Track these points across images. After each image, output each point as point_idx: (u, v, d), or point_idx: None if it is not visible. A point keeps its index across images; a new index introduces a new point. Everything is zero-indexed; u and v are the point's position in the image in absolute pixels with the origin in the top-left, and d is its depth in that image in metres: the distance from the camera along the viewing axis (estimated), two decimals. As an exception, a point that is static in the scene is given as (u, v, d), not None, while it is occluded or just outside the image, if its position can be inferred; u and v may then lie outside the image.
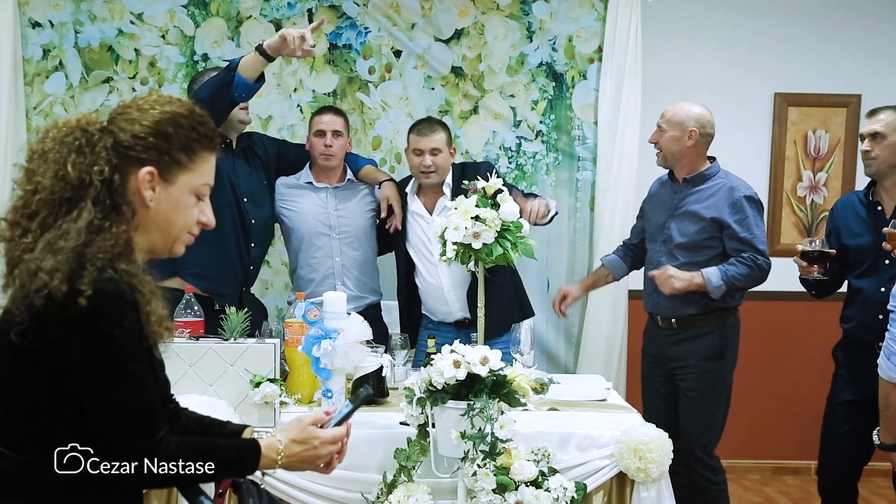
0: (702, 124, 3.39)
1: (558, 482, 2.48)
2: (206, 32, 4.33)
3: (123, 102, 1.62)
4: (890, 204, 3.23)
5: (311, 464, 1.75)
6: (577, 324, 4.48)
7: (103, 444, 1.51)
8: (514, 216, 2.90)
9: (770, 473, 4.85)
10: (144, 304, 1.51)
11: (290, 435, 1.71)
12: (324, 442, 1.74)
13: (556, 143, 4.41)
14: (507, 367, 2.44)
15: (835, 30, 4.71)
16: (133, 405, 1.51)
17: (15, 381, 1.52)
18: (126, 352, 1.50)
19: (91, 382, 1.48)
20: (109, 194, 1.52)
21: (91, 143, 1.54)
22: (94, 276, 1.45)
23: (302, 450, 1.72)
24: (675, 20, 4.66)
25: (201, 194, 1.64)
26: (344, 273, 3.69)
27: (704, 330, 3.39)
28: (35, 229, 1.51)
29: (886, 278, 3.15)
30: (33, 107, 4.30)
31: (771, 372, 4.79)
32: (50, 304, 1.44)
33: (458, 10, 4.38)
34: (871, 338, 3.12)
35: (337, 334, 2.56)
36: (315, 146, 3.67)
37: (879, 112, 3.24)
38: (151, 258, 1.62)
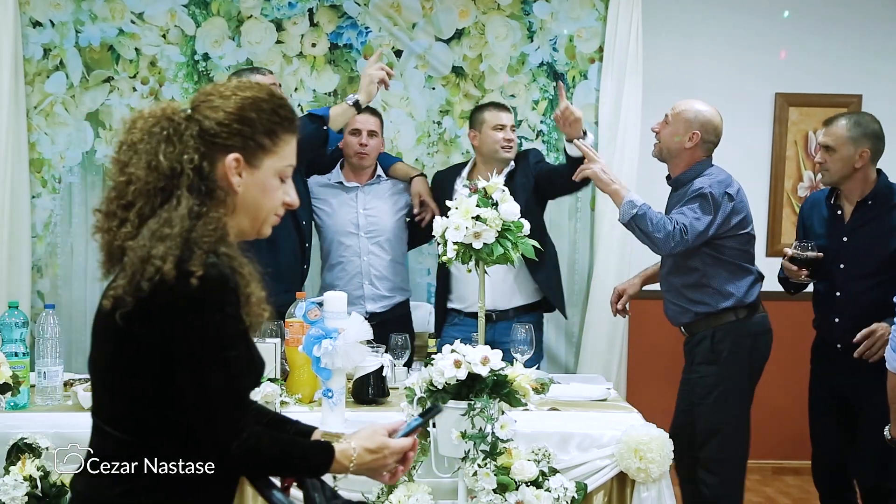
0: (707, 130, 3.29)
1: (559, 482, 2.48)
2: (207, 32, 4.33)
3: (204, 89, 1.65)
4: (849, 209, 3.27)
5: (377, 472, 1.77)
6: (577, 324, 4.48)
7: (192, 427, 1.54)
8: (514, 216, 2.90)
9: (770, 473, 4.85)
10: (244, 286, 1.54)
11: (364, 444, 1.73)
12: (393, 452, 1.76)
13: (557, 143, 4.41)
14: (508, 367, 2.44)
15: (835, 30, 4.71)
16: (226, 392, 1.54)
17: (120, 365, 1.55)
18: (226, 338, 1.53)
19: (189, 366, 1.51)
20: (202, 181, 1.55)
21: (178, 132, 1.57)
22: (202, 259, 1.48)
23: (372, 458, 1.73)
24: (675, 20, 4.66)
25: (285, 176, 1.66)
26: (372, 272, 3.71)
27: (701, 335, 3.31)
28: (133, 219, 1.54)
29: (839, 282, 3.22)
30: (34, 106, 4.30)
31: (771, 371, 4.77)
32: (158, 289, 1.47)
33: (459, 9, 4.38)
34: (830, 339, 3.27)
35: (337, 334, 2.57)
36: (350, 145, 3.68)
37: (833, 123, 3.25)
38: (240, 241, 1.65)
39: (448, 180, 3.77)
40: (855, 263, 3.20)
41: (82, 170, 4.35)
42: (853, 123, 3.21)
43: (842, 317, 3.22)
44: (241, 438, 1.55)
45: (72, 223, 4.36)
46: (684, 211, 3.18)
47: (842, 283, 3.23)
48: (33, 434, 2.52)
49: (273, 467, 1.66)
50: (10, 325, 2.80)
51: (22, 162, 4.24)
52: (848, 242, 3.23)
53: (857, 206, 3.24)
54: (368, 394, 2.90)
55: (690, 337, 3.37)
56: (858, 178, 3.21)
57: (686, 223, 3.13)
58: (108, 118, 4.33)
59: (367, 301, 3.69)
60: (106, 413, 1.60)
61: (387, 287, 3.74)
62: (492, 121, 3.66)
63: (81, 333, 4.27)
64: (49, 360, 2.84)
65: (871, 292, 3.15)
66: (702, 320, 3.30)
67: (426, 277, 4.40)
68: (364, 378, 2.88)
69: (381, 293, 3.71)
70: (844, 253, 3.22)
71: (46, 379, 2.83)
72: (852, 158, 3.18)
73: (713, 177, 3.25)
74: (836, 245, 3.24)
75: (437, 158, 4.41)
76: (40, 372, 2.84)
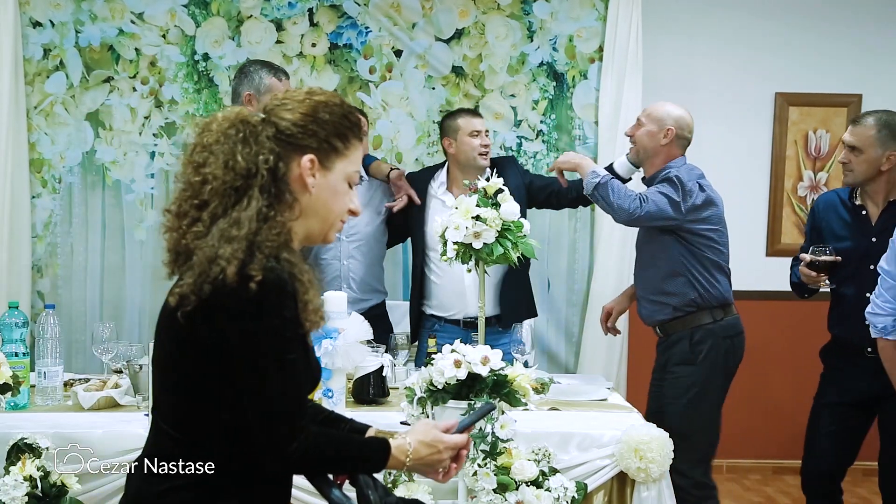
0: (680, 125, 3.32)
1: (559, 482, 2.48)
2: (207, 32, 4.33)
3: (276, 95, 1.67)
4: (874, 210, 3.20)
5: (433, 468, 1.78)
6: (577, 324, 4.48)
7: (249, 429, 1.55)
8: (514, 216, 2.90)
9: (770, 473, 4.85)
10: (303, 293, 1.56)
11: (419, 437, 1.75)
12: (447, 447, 1.77)
13: (557, 143, 4.41)
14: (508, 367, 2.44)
15: (835, 30, 4.71)
16: (284, 394, 1.56)
17: (180, 364, 1.57)
18: (284, 342, 1.55)
19: (247, 368, 1.52)
20: (275, 182, 1.58)
21: (255, 133, 1.59)
22: (263, 263, 1.50)
23: (428, 453, 1.75)
24: (675, 20, 4.67)
25: (353, 181, 1.69)
26: (350, 276, 3.70)
27: (678, 335, 3.30)
28: (206, 218, 1.56)
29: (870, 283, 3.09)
30: (34, 106, 4.30)
31: (771, 371, 4.79)
32: (220, 291, 1.49)
33: (459, 9, 4.38)
34: (859, 343, 3.14)
35: (337, 334, 2.57)
36: None
37: (860, 122, 3.17)
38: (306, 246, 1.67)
39: (422, 180, 3.74)
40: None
41: (82, 170, 4.35)
42: (882, 124, 3.11)
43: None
44: (299, 440, 1.56)
45: (72, 223, 4.36)
46: (650, 190, 3.22)
47: (873, 285, 3.05)
48: (33, 434, 2.52)
49: (331, 465, 1.69)
50: (10, 325, 2.81)
51: (22, 162, 4.24)
52: (877, 243, 3.10)
53: (888, 207, 3.16)
54: (368, 394, 2.90)
55: (665, 338, 3.36)
56: (884, 179, 3.15)
57: (648, 196, 3.16)
58: (108, 118, 4.33)
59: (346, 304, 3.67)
60: (164, 412, 1.62)
61: (364, 290, 3.72)
62: (467, 127, 3.62)
63: (81, 333, 4.28)
64: (49, 360, 2.84)
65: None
66: (679, 320, 3.29)
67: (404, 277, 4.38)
68: (364, 378, 2.88)
69: (358, 296, 3.66)
70: (874, 254, 3.06)
71: (46, 379, 2.84)
72: (879, 160, 3.11)
73: (685, 167, 3.29)
74: (863, 246, 3.15)
75: (437, 158, 4.41)
76: (40, 372, 2.84)
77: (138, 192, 4.36)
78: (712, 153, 4.74)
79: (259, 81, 3.44)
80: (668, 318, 3.31)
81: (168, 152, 4.36)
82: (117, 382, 2.86)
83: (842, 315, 3.26)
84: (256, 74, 3.46)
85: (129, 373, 2.81)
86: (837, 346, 3.31)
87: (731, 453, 4.88)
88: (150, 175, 4.36)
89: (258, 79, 3.45)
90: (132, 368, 2.79)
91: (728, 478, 4.82)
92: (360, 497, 1.76)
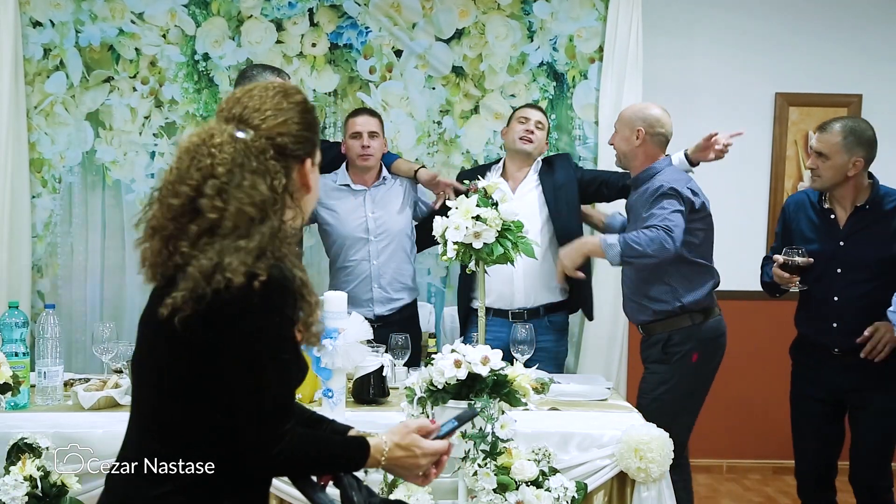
0: (649, 123, 3.35)
1: (559, 482, 2.48)
2: (207, 32, 4.33)
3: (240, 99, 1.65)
4: (842, 214, 3.24)
5: (409, 471, 1.79)
6: (577, 324, 4.48)
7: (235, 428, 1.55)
8: (514, 216, 2.90)
9: (770, 473, 4.85)
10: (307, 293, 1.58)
11: (395, 439, 1.76)
12: (425, 453, 1.78)
13: (557, 143, 4.41)
14: (508, 367, 2.44)
15: (835, 30, 4.71)
16: (277, 393, 1.57)
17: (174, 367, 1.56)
18: (281, 340, 1.56)
19: (244, 367, 1.53)
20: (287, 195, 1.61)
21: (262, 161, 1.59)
22: (269, 263, 1.52)
23: (403, 455, 1.76)
24: (675, 20, 4.67)
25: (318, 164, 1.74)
26: (381, 276, 3.70)
27: (658, 336, 3.36)
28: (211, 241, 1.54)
29: (837, 287, 3.20)
30: (34, 106, 4.30)
31: (771, 371, 4.78)
32: (222, 295, 1.50)
33: (459, 9, 4.38)
34: (826, 343, 3.25)
35: (338, 334, 2.57)
36: (352, 148, 3.70)
37: (827, 129, 3.20)
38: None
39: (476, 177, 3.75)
40: (852, 267, 3.18)
41: (82, 170, 4.35)
42: (848, 131, 3.15)
43: (840, 321, 3.20)
44: (284, 440, 1.57)
45: (72, 223, 4.36)
46: (654, 212, 3.17)
47: (840, 288, 3.20)
48: (33, 434, 2.52)
49: (314, 465, 1.69)
50: (10, 325, 2.81)
51: (22, 162, 4.24)
52: (845, 247, 3.20)
53: (855, 211, 3.21)
54: (368, 394, 2.90)
55: (647, 337, 3.42)
56: (851, 184, 3.19)
57: (661, 222, 3.13)
58: (108, 118, 4.33)
59: (376, 304, 3.68)
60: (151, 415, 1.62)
61: (395, 289, 3.74)
62: (518, 114, 3.75)
63: (81, 333, 4.28)
64: (49, 360, 2.84)
65: (869, 296, 3.14)
66: (659, 322, 3.34)
67: (426, 277, 4.40)
68: (364, 378, 2.88)
69: (390, 296, 3.70)
70: (841, 257, 3.19)
71: (46, 379, 2.84)
72: (845, 167, 3.15)
73: (671, 175, 3.30)
74: (831, 250, 3.21)
75: (437, 158, 4.42)
76: (40, 372, 2.84)
77: (138, 192, 4.36)
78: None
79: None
80: (650, 319, 3.38)
81: (168, 152, 4.35)
82: (117, 382, 2.86)
83: (809, 316, 3.34)
84: (261, 77, 3.49)
85: (130, 373, 2.81)
86: (805, 343, 3.39)
87: (731, 453, 4.89)
88: (150, 175, 4.36)
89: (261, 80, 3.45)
90: (132, 368, 2.79)
91: (728, 478, 4.82)
92: (344, 499, 1.76)
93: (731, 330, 4.71)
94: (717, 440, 4.81)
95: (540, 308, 3.63)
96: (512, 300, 3.61)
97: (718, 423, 4.82)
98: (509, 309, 3.62)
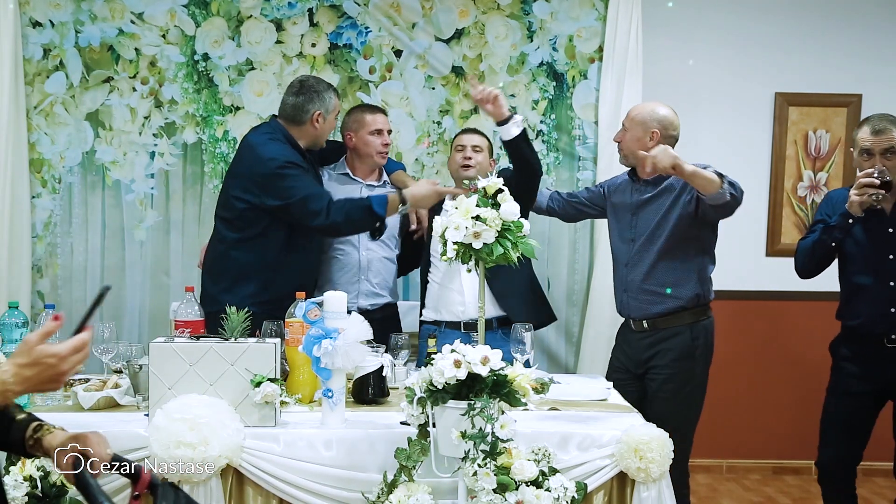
0: (664, 126, 3.39)
1: (559, 482, 2.48)
2: (207, 32, 4.33)
3: None
4: (888, 204, 3.31)
5: (55, 382, 1.66)
6: (577, 324, 4.48)
7: None
8: (514, 216, 2.90)
9: (770, 473, 4.85)
10: None
11: (18, 360, 1.62)
12: (63, 357, 1.63)
13: (557, 143, 4.41)
14: (508, 367, 2.44)
15: (835, 30, 4.71)
16: None
17: None
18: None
19: None
20: None
21: None
22: None
23: (36, 372, 1.62)
24: (675, 20, 4.67)
25: None
26: (369, 268, 3.72)
27: (675, 330, 3.38)
28: None
29: (893, 273, 3.29)
30: (34, 106, 4.30)
31: (771, 371, 4.79)
32: None
33: (459, 9, 4.38)
34: (882, 331, 3.32)
35: (337, 334, 2.57)
36: (373, 144, 3.72)
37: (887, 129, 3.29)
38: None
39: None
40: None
41: (82, 170, 4.35)
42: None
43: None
44: None
45: (72, 223, 4.36)
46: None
47: (892, 274, 3.29)
48: (33, 434, 2.52)
49: None
50: (10, 325, 2.80)
51: (22, 162, 4.24)
52: (894, 234, 3.30)
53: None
54: (368, 394, 2.90)
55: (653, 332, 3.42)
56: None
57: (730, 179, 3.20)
58: (108, 118, 4.33)
59: (361, 296, 3.70)
60: None
61: (381, 285, 3.76)
62: (455, 143, 3.78)
63: (81, 333, 4.27)
64: (49, 360, 2.83)
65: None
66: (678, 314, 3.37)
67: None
68: (364, 378, 2.88)
69: (375, 290, 3.73)
70: (893, 243, 3.29)
71: (46, 379, 2.83)
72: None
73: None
74: (881, 237, 3.30)
75: (437, 158, 4.42)
76: (40, 372, 2.83)
77: (138, 192, 4.37)
78: (712, 153, 4.74)
79: (329, 102, 3.56)
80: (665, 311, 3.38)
81: (168, 152, 4.36)
82: (117, 382, 2.86)
83: (860, 305, 3.36)
84: (327, 94, 3.56)
85: (129, 373, 2.81)
86: (853, 337, 3.40)
87: (731, 453, 4.89)
88: (150, 175, 4.37)
89: (328, 99, 3.57)
90: (132, 368, 2.79)
91: (728, 478, 4.82)
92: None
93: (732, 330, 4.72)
94: (717, 440, 4.81)
95: (493, 321, 3.55)
96: (465, 312, 3.59)
97: (718, 423, 4.82)
98: (461, 321, 3.60)
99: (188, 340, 2.63)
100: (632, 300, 3.46)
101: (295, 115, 3.55)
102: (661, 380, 3.38)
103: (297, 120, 3.54)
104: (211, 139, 4.35)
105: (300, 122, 3.54)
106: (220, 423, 2.47)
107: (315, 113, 3.53)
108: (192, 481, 2.44)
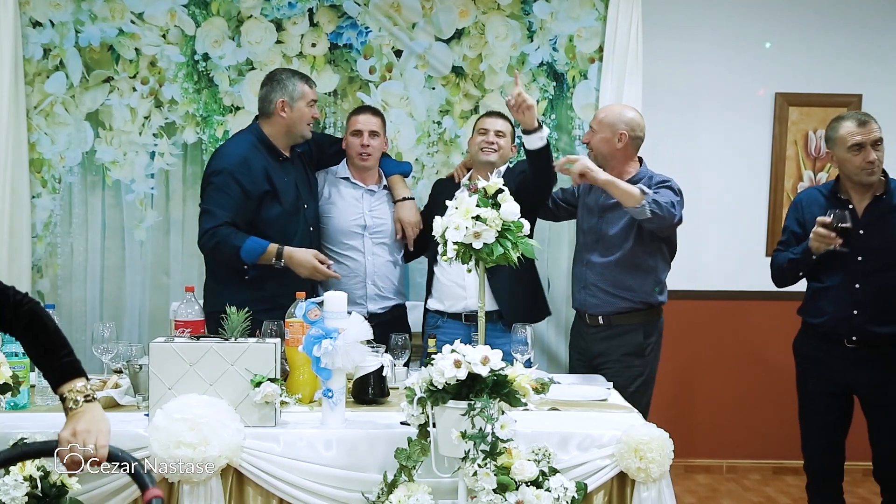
0: (632, 127, 3.50)
1: (559, 482, 2.48)
2: (207, 32, 4.33)
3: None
4: (860, 202, 3.34)
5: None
6: (577, 323, 4.48)
7: None
8: (514, 216, 2.90)
9: (770, 473, 4.85)
10: None
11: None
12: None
13: (557, 143, 4.41)
14: (508, 367, 2.44)
15: (835, 30, 4.71)
16: None
17: None
18: None
19: None
20: None
21: None
22: None
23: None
24: (676, 20, 4.67)
25: None
26: (374, 273, 3.72)
27: (629, 327, 3.50)
28: None
29: (858, 274, 3.29)
30: (34, 106, 4.30)
31: (770, 372, 4.78)
32: None
33: (459, 9, 4.38)
34: (846, 332, 3.33)
35: (337, 334, 2.57)
36: (352, 146, 3.72)
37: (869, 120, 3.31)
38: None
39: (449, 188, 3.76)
40: (874, 255, 3.28)
41: (82, 170, 4.35)
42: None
43: (861, 308, 3.28)
44: None
45: (72, 223, 4.36)
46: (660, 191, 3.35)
47: (862, 275, 3.29)
48: (33, 434, 2.52)
49: None
50: (10, 325, 2.80)
51: (22, 162, 4.24)
52: (865, 235, 3.29)
53: (874, 201, 3.32)
54: (368, 394, 2.90)
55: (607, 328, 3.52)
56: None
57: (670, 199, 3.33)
58: (108, 118, 4.33)
59: (369, 301, 3.70)
60: None
61: (388, 289, 3.76)
62: (478, 126, 3.77)
63: (81, 333, 4.27)
64: (49, 360, 2.83)
65: (890, 282, 3.26)
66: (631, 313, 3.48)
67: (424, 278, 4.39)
68: (364, 378, 2.88)
69: (383, 294, 3.74)
70: (861, 245, 3.28)
71: (46, 379, 2.83)
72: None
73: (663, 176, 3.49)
74: (851, 238, 3.27)
75: (437, 158, 4.42)
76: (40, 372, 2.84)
77: (138, 192, 4.37)
78: (712, 153, 4.75)
79: (293, 88, 3.53)
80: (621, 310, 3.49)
81: (168, 152, 4.36)
82: (117, 382, 2.86)
83: (825, 305, 3.38)
84: (289, 81, 3.54)
85: (129, 373, 2.81)
86: (813, 336, 3.44)
87: (731, 453, 4.89)
88: (150, 175, 4.37)
89: (291, 86, 3.54)
90: (132, 368, 2.79)
91: (728, 478, 4.82)
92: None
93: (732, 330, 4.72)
94: (717, 440, 4.81)
95: (493, 313, 3.58)
96: (465, 303, 3.62)
97: (718, 423, 4.83)
98: (462, 312, 3.65)
99: (188, 340, 2.63)
100: (589, 297, 3.56)
101: (263, 107, 3.58)
102: (611, 374, 3.43)
103: (266, 111, 3.56)
104: (211, 139, 4.35)
105: (269, 114, 3.55)
106: (220, 423, 2.47)
107: (279, 101, 3.51)
108: (192, 481, 2.44)
